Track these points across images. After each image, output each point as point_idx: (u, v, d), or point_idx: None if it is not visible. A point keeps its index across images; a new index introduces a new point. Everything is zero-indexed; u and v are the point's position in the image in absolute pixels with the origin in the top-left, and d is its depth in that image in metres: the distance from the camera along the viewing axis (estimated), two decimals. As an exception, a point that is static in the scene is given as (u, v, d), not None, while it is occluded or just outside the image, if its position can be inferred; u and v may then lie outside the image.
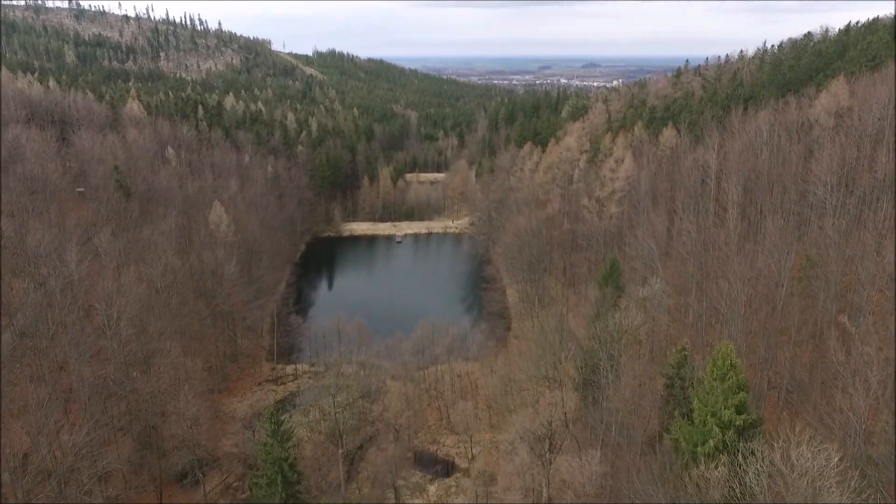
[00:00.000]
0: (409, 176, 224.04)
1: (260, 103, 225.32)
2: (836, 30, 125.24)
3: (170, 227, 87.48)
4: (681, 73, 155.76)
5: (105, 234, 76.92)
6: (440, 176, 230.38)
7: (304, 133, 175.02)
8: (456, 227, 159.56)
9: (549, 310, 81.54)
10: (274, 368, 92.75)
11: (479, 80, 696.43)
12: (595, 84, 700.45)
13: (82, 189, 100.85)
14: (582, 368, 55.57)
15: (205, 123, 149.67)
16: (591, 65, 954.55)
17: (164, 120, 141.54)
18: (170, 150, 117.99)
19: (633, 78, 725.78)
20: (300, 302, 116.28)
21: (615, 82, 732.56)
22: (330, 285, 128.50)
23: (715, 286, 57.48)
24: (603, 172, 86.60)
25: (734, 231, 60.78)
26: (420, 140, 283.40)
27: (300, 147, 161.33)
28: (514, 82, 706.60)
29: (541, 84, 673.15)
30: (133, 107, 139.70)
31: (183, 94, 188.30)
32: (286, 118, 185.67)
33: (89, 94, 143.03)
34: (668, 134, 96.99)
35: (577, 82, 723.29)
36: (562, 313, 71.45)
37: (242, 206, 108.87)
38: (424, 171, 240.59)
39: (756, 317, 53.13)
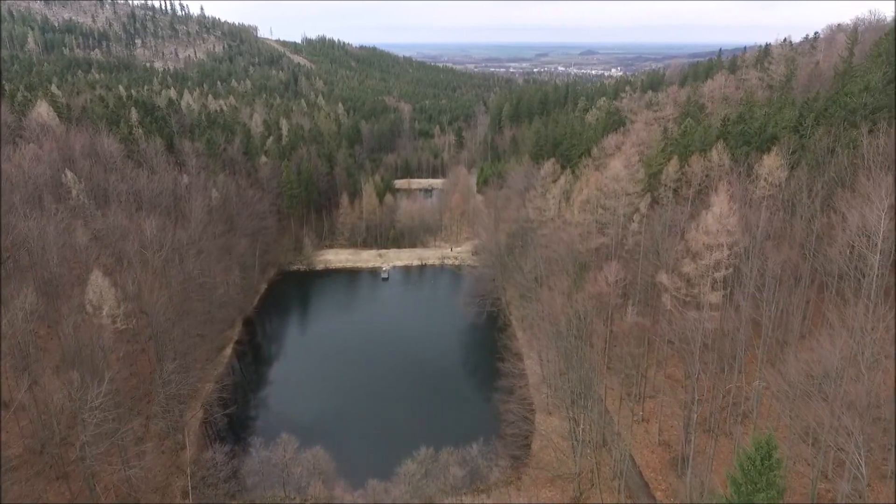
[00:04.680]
0: (399, 182, 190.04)
1: (223, 101, 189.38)
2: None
3: (17, 316, 54.15)
4: (736, 66, 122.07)
5: None
6: (436, 182, 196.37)
7: (271, 139, 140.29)
8: (455, 257, 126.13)
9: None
10: (189, 520, 59.89)
11: (476, 67, 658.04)
12: (593, 72, 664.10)
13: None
14: None
15: (140, 130, 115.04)
16: (588, 52, 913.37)
17: (85, 128, 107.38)
18: (68, 174, 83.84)
19: (631, 65, 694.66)
20: (248, 383, 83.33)
21: (613, 70, 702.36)
22: (292, 348, 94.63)
23: None
24: (690, 234, 53.30)
25: None
26: (414, 137, 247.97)
27: (263, 158, 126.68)
28: (512, 70, 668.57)
29: (539, 72, 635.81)
30: (41, 112, 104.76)
31: (119, 93, 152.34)
32: (252, 119, 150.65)
33: None
34: (771, 163, 63.51)
35: (575, 70, 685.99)
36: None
37: (161, 261, 75.17)
38: (418, 177, 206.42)
39: None
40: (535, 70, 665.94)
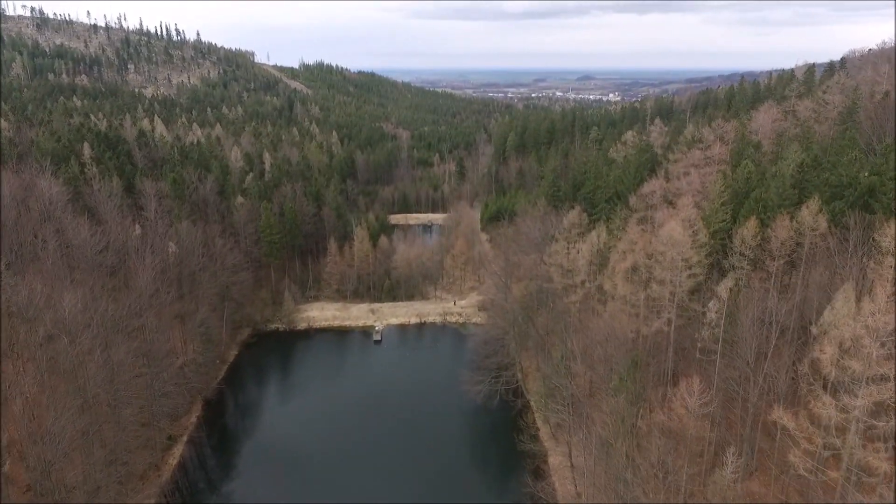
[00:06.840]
0: (396, 217, 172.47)
1: (210, 129, 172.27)
2: None
3: None
4: (782, 95, 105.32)
5: None
6: (436, 217, 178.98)
7: (251, 175, 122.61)
8: (460, 313, 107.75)
9: None
10: None
11: (475, 92, 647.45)
12: (591, 97, 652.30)
13: None
14: None
15: (95, 169, 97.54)
16: (586, 77, 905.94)
17: (28, 166, 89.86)
18: (-21, 232, 65.98)
19: (629, 90, 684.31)
20: (208, 480, 64.25)
21: (611, 95, 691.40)
22: (263, 433, 74.73)
23: None
24: (819, 352, 35.26)
25: None
26: (412, 167, 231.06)
27: (240, 198, 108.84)
28: (510, 95, 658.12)
29: (537, 97, 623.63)
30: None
31: (93, 122, 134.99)
32: (232, 153, 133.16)
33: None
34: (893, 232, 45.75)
35: (574, 94, 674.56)
36: None
37: (83, 347, 56.72)
38: (416, 211, 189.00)
39: None
40: (533, 95, 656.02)
